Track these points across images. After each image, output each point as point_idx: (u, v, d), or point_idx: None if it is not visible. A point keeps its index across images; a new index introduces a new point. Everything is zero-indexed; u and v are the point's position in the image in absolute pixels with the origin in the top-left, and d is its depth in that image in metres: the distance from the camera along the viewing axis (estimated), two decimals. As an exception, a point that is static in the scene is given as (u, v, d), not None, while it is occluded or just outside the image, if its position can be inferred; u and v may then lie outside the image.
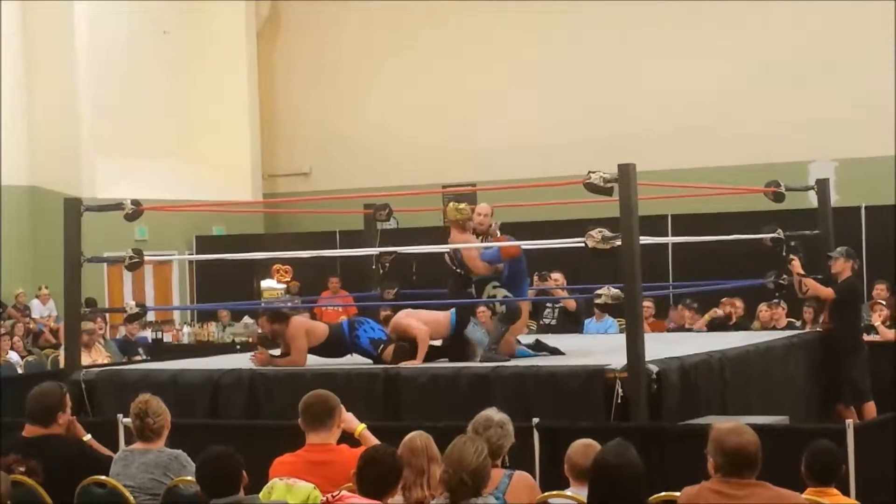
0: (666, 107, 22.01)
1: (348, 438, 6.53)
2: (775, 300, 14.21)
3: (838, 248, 12.23)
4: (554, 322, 13.87)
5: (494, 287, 10.24)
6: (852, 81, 20.56)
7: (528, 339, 11.05)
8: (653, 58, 22.28)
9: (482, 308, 10.45)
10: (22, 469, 6.36)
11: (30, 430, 6.72)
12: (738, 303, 14.83)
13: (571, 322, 13.98)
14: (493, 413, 6.16)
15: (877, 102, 20.16)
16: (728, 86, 21.63)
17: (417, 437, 5.87)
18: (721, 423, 5.40)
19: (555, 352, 10.57)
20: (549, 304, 13.81)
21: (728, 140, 21.37)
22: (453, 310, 10.42)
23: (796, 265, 12.08)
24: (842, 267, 12.09)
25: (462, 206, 10.65)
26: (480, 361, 9.93)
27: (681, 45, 22.14)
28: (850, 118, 20.45)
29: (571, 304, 13.88)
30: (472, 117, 23.65)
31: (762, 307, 14.58)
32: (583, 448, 5.91)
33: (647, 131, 21.77)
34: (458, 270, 10.57)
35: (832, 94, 20.80)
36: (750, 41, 21.64)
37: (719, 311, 14.76)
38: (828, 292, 12.02)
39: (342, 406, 6.47)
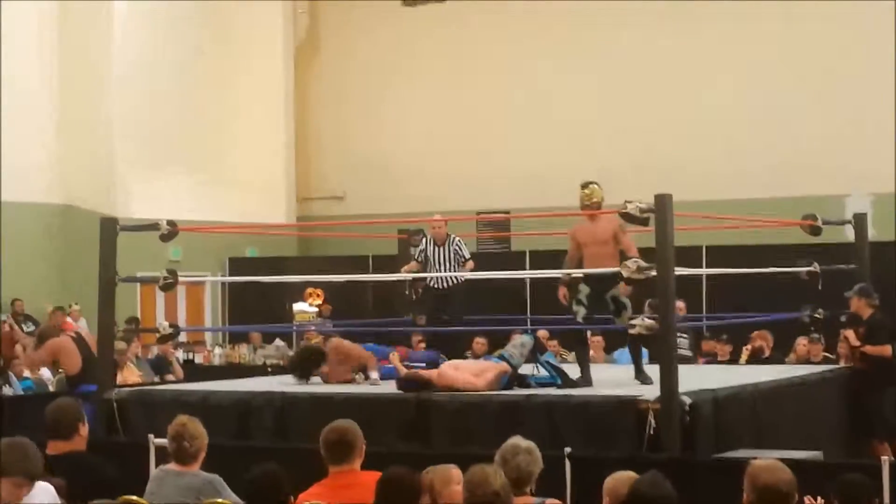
0: (701, 138, 21.96)
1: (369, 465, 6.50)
2: (814, 335, 14.10)
3: (854, 287, 12.16)
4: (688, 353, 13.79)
5: (630, 319, 10.05)
6: (889, 115, 20.46)
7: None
8: (688, 88, 22.25)
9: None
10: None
11: (53, 447, 6.69)
12: (769, 336, 14.71)
13: None
14: (519, 440, 6.13)
15: (915, 137, 20.05)
16: (764, 117, 21.56)
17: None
18: (758, 460, 5.38)
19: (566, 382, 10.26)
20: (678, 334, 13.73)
21: (763, 172, 21.28)
22: (503, 363, 10.16)
23: (852, 338, 11.99)
24: (857, 305, 12.04)
25: (587, 189, 10.34)
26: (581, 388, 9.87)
27: (716, 76, 22.09)
28: (888, 152, 20.34)
29: None
30: (508, 144, 23.65)
31: (801, 341, 14.48)
32: (627, 480, 5.84)
33: (682, 162, 21.71)
34: None
35: (869, 128, 20.70)
36: (787, 74, 21.58)
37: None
38: (887, 349, 11.95)
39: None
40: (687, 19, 22.23)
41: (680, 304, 13.77)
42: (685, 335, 13.79)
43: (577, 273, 10.31)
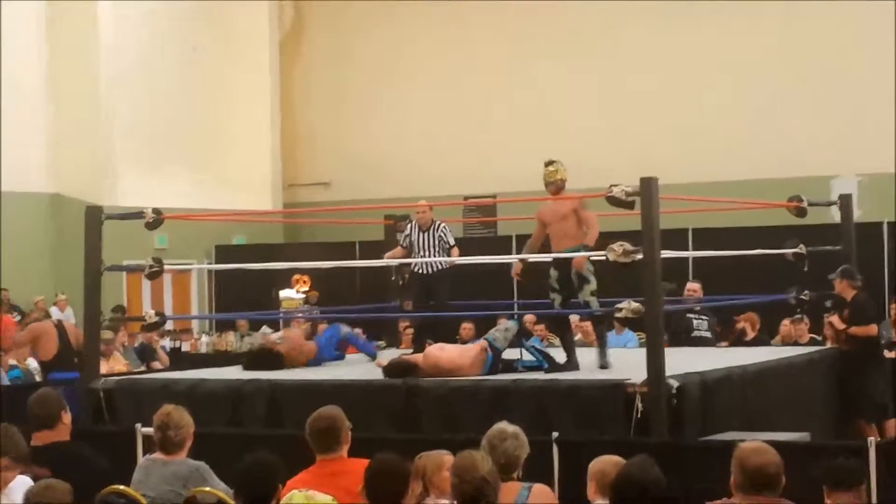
0: (688, 120, 21.95)
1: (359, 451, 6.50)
2: (798, 316, 14.14)
3: (837, 270, 12.22)
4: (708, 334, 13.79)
5: (593, 294, 10.09)
6: (876, 97, 20.47)
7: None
8: (676, 71, 22.23)
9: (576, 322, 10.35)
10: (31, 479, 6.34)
11: (38, 438, 6.68)
12: (756, 318, 14.72)
13: None
14: (505, 425, 6.14)
15: (901, 118, 20.06)
16: (750, 100, 21.57)
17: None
18: (745, 442, 5.40)
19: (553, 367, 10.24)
20: (696, 316, 13.69)
21: (750, 154, 21.30)
22: (485, 344, 10.21)
23: (837, 322, 12.06)
24: (840, 287, 12.10)
25: (551, 167, 10.42)
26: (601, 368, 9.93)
27: (703, 60, 22.08)
28: (873, 133, 20.36)
29: None
30: (495, 129, 23.59)
31: (785, 322, 14.51)
32: (613, 463, 5.86)
33: (668, 145, 21.72)
34: None
35: (856, 109, 20.71)
36: (773, 56, 21.57)
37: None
38: (872, 328, 12.03)
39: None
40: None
41: (696, 286, 13.84)
42: (704, 317, 13.74)
43: (538, 258, 10.40)
